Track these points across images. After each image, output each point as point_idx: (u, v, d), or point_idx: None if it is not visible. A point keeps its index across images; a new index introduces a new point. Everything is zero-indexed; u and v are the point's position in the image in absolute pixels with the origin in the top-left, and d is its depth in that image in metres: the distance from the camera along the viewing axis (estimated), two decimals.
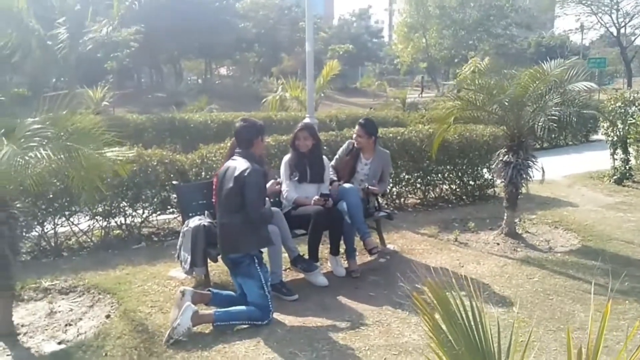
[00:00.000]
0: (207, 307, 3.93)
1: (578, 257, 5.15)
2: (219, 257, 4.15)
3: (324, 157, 5.06)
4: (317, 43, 40.93)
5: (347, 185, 5.00)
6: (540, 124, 5.17)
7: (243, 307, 3.82)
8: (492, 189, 7.74)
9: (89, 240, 5.71)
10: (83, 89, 16.31)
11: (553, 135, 13.34)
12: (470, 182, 7.64)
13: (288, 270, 4.75)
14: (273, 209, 4.42)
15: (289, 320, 3.90)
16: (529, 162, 5.59)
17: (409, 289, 1.84)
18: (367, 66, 56.91)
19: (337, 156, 5.46)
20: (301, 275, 4.58)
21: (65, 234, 5.68)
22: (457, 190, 7.62)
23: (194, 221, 4.39)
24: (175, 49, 34.79)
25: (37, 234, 5.41)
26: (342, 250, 4.87)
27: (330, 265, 4.91)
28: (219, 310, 3.82)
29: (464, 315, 1.83)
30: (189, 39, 31.95)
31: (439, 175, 7.42)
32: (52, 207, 5.42)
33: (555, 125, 5.20)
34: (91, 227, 5.74)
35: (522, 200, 6.60)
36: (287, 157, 4.99)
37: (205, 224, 4.32)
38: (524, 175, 5.57)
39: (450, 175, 7.51)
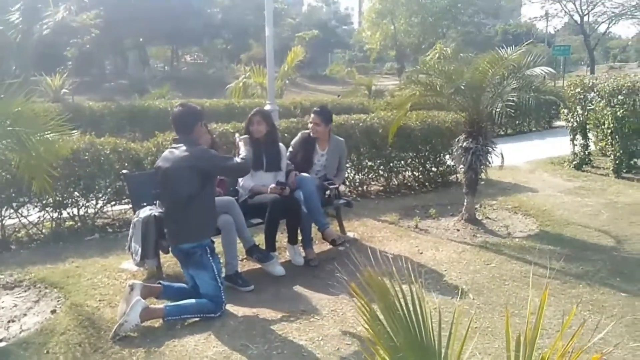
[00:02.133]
0: (157, 300, 3.81)
1: (535, 242, 5.18)
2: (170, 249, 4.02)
3: (280, 144, 4.95)
4: (285, 30, 40.42)
5: (304, 174, 4.90)
6: (497, 109, 5.15)
7: (194, 300, 3.71)
8: (454, 176, 7.75)
9: (39, 232, 5.49)
10: (41, 76, 15.78)
11: (517, 122, 13.52)
12: (433, 169, 7.64)
13: (245, 260, 4.65)
14: (227, 198, 4.32)
15: (242, 311, 3.81)
16: (488, 148, 5.59)
17: (346, 279, 1.75)
18: (336, 53, 56.56)
19: (290, 149, 5.25)
20: (258, 265, 4.48)
21: (14, 226, 5.46)
22: (420, 177, 7.60)
23: (145, 211, 4.23)
24: (140, 35, 33.87)
25: None
26: (300, 238, 4.78)
27: (288, 255, 4.82)
28: (169, 304, 3.69)
29: (403, 305, 1.76)
30: (153, 25, 31.08)
31: (402, 162, 7.39)
32: None
33: (512, 111, 5.19)
34: (41, 218, 5.53)
35: (483, 186, 6.64)
36: None
37: (156, 214, 4.17)
38: (483, 161, 5.57)
39: (413, 162, 7.49)
